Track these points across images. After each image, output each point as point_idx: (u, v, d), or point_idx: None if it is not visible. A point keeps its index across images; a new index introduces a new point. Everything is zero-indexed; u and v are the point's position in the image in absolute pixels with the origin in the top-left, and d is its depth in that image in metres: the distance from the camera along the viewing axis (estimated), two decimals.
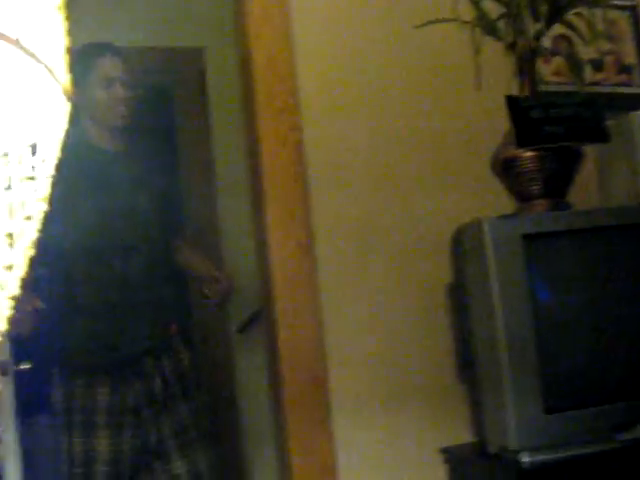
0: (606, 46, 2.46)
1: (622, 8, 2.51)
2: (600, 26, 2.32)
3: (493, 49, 1.97)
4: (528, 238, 1.77)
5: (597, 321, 1.84)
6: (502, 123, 1.89)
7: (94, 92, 2.16)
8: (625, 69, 2.48)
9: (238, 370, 3.06)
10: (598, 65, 2.43)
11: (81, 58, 2.14)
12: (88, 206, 2.11)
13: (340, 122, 2.13)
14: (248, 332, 2.96)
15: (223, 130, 3.12)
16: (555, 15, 1.95)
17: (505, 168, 1.91)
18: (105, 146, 2.23)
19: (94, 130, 2.21)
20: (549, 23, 1.95)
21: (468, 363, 1.94)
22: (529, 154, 1.84)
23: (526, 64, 1.93)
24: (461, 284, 1.94)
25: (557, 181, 1.88)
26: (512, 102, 1.84)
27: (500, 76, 2.05)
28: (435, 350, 2.12)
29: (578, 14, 2.00)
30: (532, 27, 1.95)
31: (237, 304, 2.89)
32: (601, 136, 1.87)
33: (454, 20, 1.90)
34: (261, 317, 2.39)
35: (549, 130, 1.82)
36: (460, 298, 1.96)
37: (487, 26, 1.97)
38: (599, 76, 2.43)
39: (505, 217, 1.79)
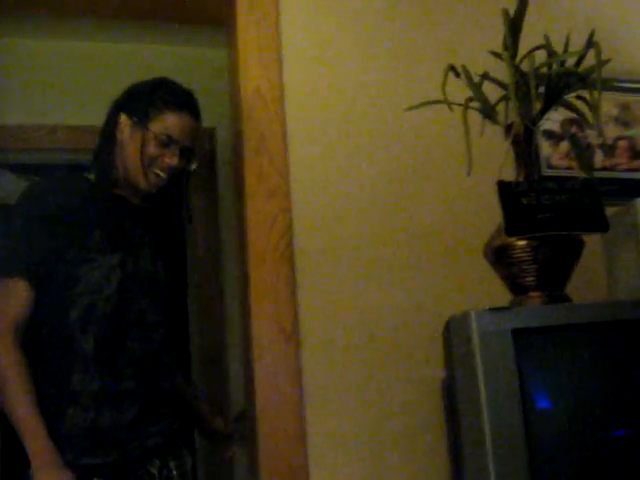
0: (619, 130, 2.36)
1: (636, 91, 2.41)
2: (607, 108, 2.24)
3: (488, 132, 1.89)
4: (519, 333, 1.63)
5: (597, 428, 1.67)
6: (496, 209, 1.78)
7: (145, 142, 1.81)
8: (639, 154, 2.36)
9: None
10: (610, 150, 2.32)
11: (151, 97, 1.84)
12: (107, 271, 1.76)
13: (331, 206, 2.05)
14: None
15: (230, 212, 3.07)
16: (553, 97, 1.86)
17: (497, 258, 1.79)
18: (130, 198, 1.90)
19: (122, 180, 1.87)
20: (547, 105, 1.86)
21: (459, 470, 1.79)
22: (521, 243, 1.72)
23: (521, 147, 1.83)
24: (452, 383, 1.80)
25: (553, 272, 1.75)
26: (503, 188, 1.74)
27: (496, 160, 1.96)
28: (427, 452, 1.96)
29: (580, 96, 1.91)
30: (532, 110, 1.86)
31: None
32: (598, 225, 1.75)
33: (445, 102, 1.82)
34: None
35: (542, 218, 1.70)
36: (450, 397, 1.82)
37: (484, 108, 1.89)
38: (611, 161, 2.32)
39: (494, 310, 1.66)
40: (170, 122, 1.81)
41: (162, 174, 1.84)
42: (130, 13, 2.23)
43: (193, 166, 1.92)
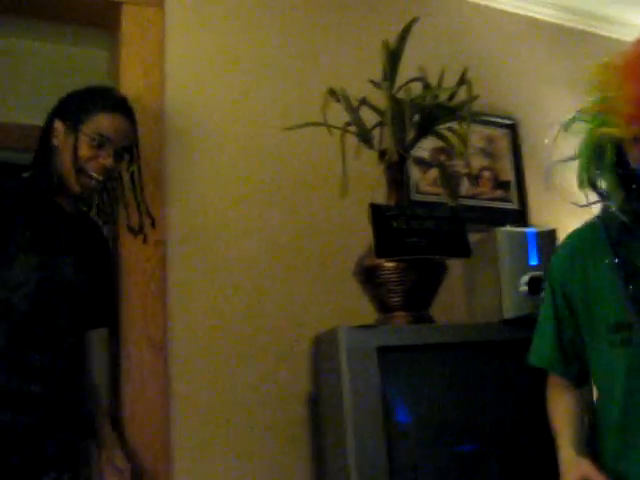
0: (484, 162, 2.51)
1: (501, 126, 2.57)
2: (474, 141, 2.38)
3: (366, 156, 1.96)
4: (384, 350, 1.71)
5: (451, 443, 1.77)
6: (369, 230, 1.85)
7: (78, 144, 1.78)
8: (501, 185, 2.52)
9: None
10: (475, 179, 2.46)
11: (83, 101, 1.82)
12: (28, 270, 1.72)
13: (205, 220, 2.07)
14: None
15: None
16: (426, 127, 1.96)
17: (367, 277, 1.86)
18: (65, 206, 1.85)
19: (56, 181, 1.81)
20: (420, 134, 1.96)
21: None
22: (390, 265, 1.80)
23: (394, 173, 1.92)
24: (318, 396, 1.86)
25: (418, 293, 1.84)
26: (375, 210, 1.81)
27: (370, 183, 2.04)
28: (292, 465, 2.00)
29: (451, 128, 2.03)
30: (406, 137, 1.95)
31: None
32: (462, 251, 1.86)
33: (324, 125, 1.88)
34: None
35: (410, 242, 1.79)
36: (316, 410, 1.87)
37: (360, 133, 1.97)
38: (476, 190, 2.46)
39: (361, 327, 1.73)
40: (102, 123, 1.80)
41: (97, 176, 1.80)
42: (11, 8, 2.18)
43: (132, 168, 1.90)
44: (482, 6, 2.72)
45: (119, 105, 1.86)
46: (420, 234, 1.81)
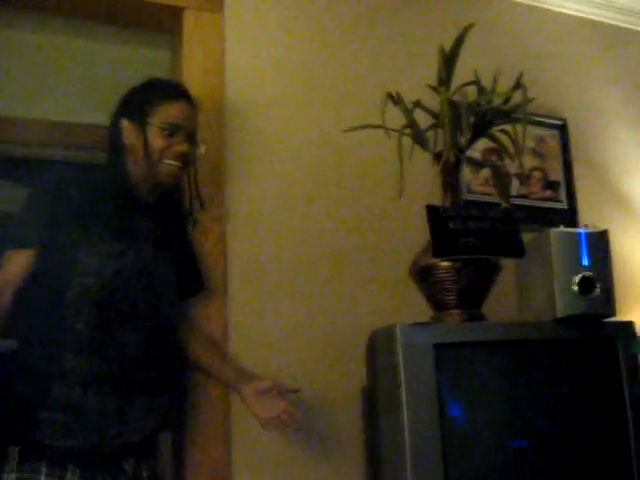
0: (534, 162, 2.54)
1: (552, 126, 2.60)
2: (525, 142, 2.40)
3: (420, 158, 2.02)
4: (439, 347, 1.76)
5: (503, 438, 1.81)
6: (424, 230, 1.90)
7: (150, 136, 1.82)
8: (551, 185, 2.55)
9: None
10: (525, 179, 2.50)
11: (145, 95, 1.86)
12: (106, 258, 1.79)
13: (264, 217, 2.14)
14: None
15: None
16: (481, 129, 2.00)
17: (422, 276, 1.91)
18: (143, 196, 1.90)
19: (133, 178, 1.87)
20: (474, 136, 2.00)
21: (376, 473, 1.90)
22: (445, 264, 1.85)
23: (449, 174, 1.97)
24: (373, 390, 1.92)
25: (472, 292, 1.89)
26: (432, 211, 1.86)
27: (425, 184, 2.09)
28: (345, 455, 2.07)
29: (504, 130, 2.07)
30: (461, 139, 1.99)
31: None
32: (516, 251, 1.90)
33: (382, 127, 1.93)
34: None
35: (466, 242, 1.84)
36: (371, 405, 1.93)
37: (416, 135, 2.02)
38: (526, 190, 2.50)
39: (418, 325, 1.78)
40: (170, 112, 1.85)
41: (175, 163, 1.85)
42: (79, 12, 2.29)
43: (202, 150, 1.95)
44: (533, 7, 2.75)
45: (181, 92, 1.90)
46: (475, 234, 1.85)
